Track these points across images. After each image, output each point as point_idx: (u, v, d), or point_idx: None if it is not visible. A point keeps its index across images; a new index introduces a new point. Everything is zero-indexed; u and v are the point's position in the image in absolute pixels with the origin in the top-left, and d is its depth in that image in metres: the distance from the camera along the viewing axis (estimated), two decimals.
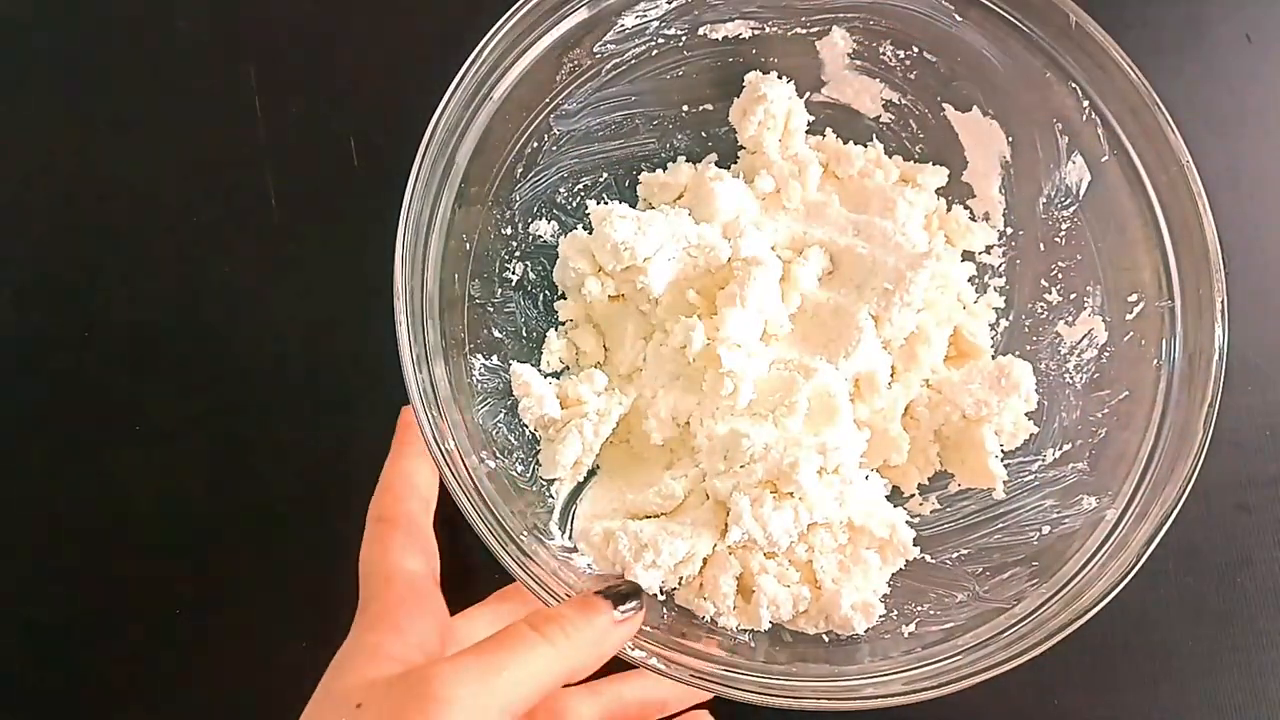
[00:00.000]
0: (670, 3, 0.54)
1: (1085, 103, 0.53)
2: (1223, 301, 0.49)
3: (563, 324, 0.57)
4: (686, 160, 0.59)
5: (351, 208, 0.62)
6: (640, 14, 0.54)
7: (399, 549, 0.46)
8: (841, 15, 0.56)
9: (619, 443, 0.55)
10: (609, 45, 0.54)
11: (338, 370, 0.60)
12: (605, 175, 0.58)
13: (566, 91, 0.55)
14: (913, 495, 0.56)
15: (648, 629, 0.46)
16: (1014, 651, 0.46)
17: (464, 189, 0.51)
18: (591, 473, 0.54)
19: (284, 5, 0.66)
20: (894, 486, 0.57)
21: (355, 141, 0.63)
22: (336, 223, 0.62)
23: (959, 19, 0.54)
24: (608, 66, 0.55)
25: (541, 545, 0.48)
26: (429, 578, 0.47)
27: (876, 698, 0.46)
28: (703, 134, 0.59)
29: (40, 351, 0.62)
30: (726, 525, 0.49)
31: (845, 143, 0.59)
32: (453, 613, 0.49)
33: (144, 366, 0.61)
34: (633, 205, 0.58)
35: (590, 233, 0.54)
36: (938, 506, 0.56)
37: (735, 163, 0.59)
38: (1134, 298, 0.52)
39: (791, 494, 0.49)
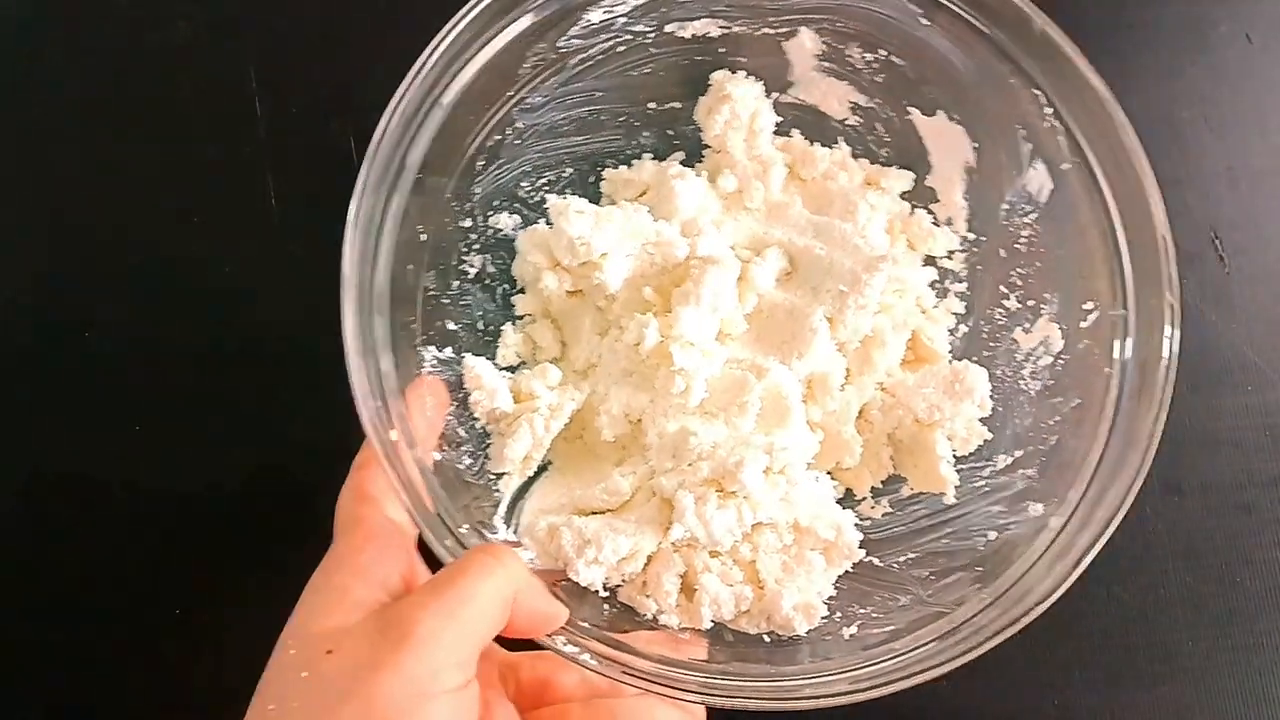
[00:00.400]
0: None
1: (1048, 109, 0.52)
2: (1173, 311, 0.49)
3: (520, 318, 0.57)
4: (652, 158, 0.59)
5: None
6: (607, 9, 0.54)
7: (372, 492, 0.45)
8: (809, 16, 0.56)
9: (573, 438, 0.55)
10: (574, 40, 0.54)
11: (338, 370, 0.60)
12: (569, 170, 0.58)
13: (531, 85, 0.55)
14: (865, 498, 0.56)
15: (585, 624, 0.46)
16: (951, 654, 0.45)
17: (422, 180, 0.51)
18: (544, 468, 0.55)
19: (284, 4, 0.66)
20: (847, 489, 0.57)
21: (355, 141, 0.63)
22: (337, 222, 0.62)
23: (926, 22, 0.54)
24: (573, 61, 0.55)
25: (482, 539, 0.48)
26: (400, 522, 0.46)
27: (816, 698, 0.46)
28: (669, 132, 0.59)
29: (40, 351, 0.62)
30: (671, 523, 0.49)
31: (812, 144, 0.59)
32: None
33: (143, 366, 0.61)
34: (596, 201, 0.58)
35: (550, 227, 0.54)
36: (889, 510, 0.56)
37: (701, 161, 0.59)
38: (1089, 305, 0.52)
39: (735, 493, 0.49)
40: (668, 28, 0.56)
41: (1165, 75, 0.68)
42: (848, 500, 0.56)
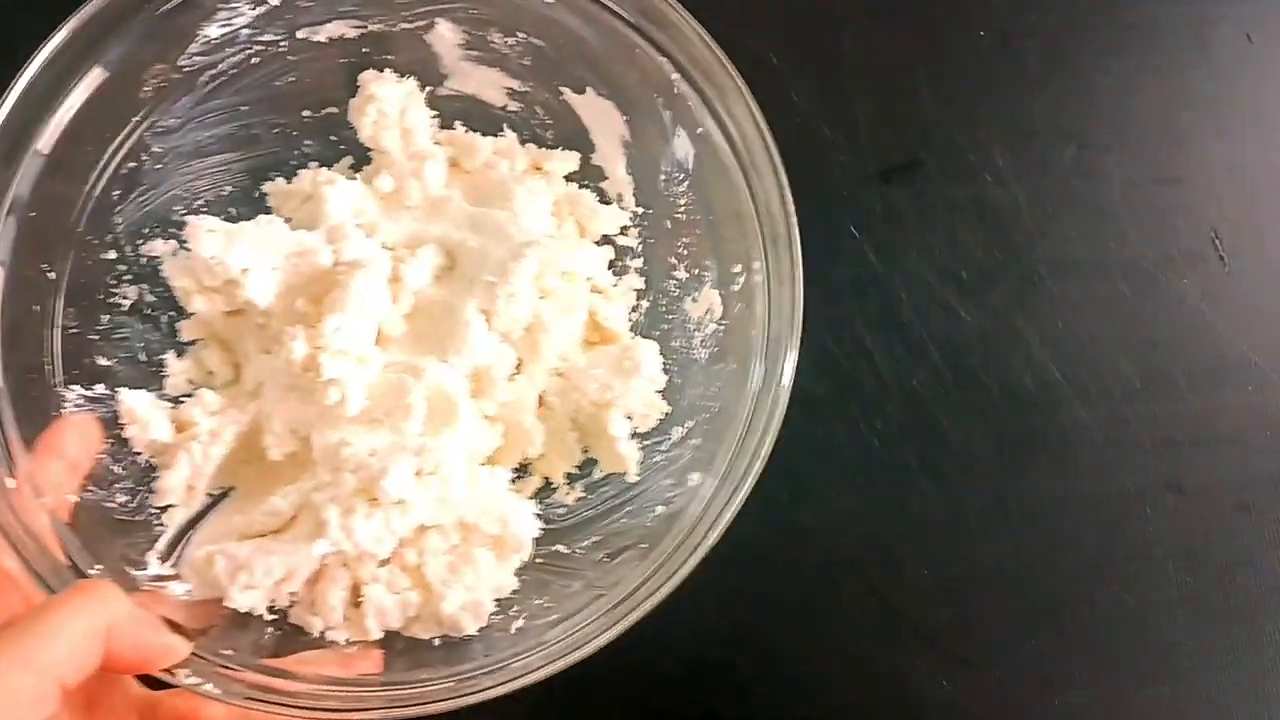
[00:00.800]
0: (255, 9, 0.53)
1: (675, 75, 0.52)
2: (795, 268, 0.48)
3: (192, 344, 0.56)
4: (319, 164, 0.58)
5: None
6: (224, 23, 0.53)
7: None
8: (442, 6, 0.55)
9: (254, 461, 0.54)
10: (197, 58, 0.53)
11: None
12: (229, 188, 0.57)
13: (160, 108, 0.53)
14: (559, 485, 0.56)
15: (232, 652, 0.45)
16: (593, 634, 0.45)
17: (35, 218, 0.49)
18: (226, 494, 0.54)
19: None
20: (545, 479, 0.56)
21: None
22: None
23: (550, 1, 0.53)
24: (202, 79, 0.54)
25: (124, 578, 0.47)
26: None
27: (469, 694, 0.45)
28: (332, 138, 0.58)
29: None
30: None
31: (477, 135, 0.58)
32: None
33: None
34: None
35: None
36: (582, 495, 0.55)
37: (370, 164, 0.58)
38: (737, 269, 0.52)
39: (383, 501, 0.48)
40: (300, 34, 0.55)
41: (1165, 75, 0.68)
42: (545, 490, 0.56)
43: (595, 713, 0.57)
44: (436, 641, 0.50)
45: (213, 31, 0.53)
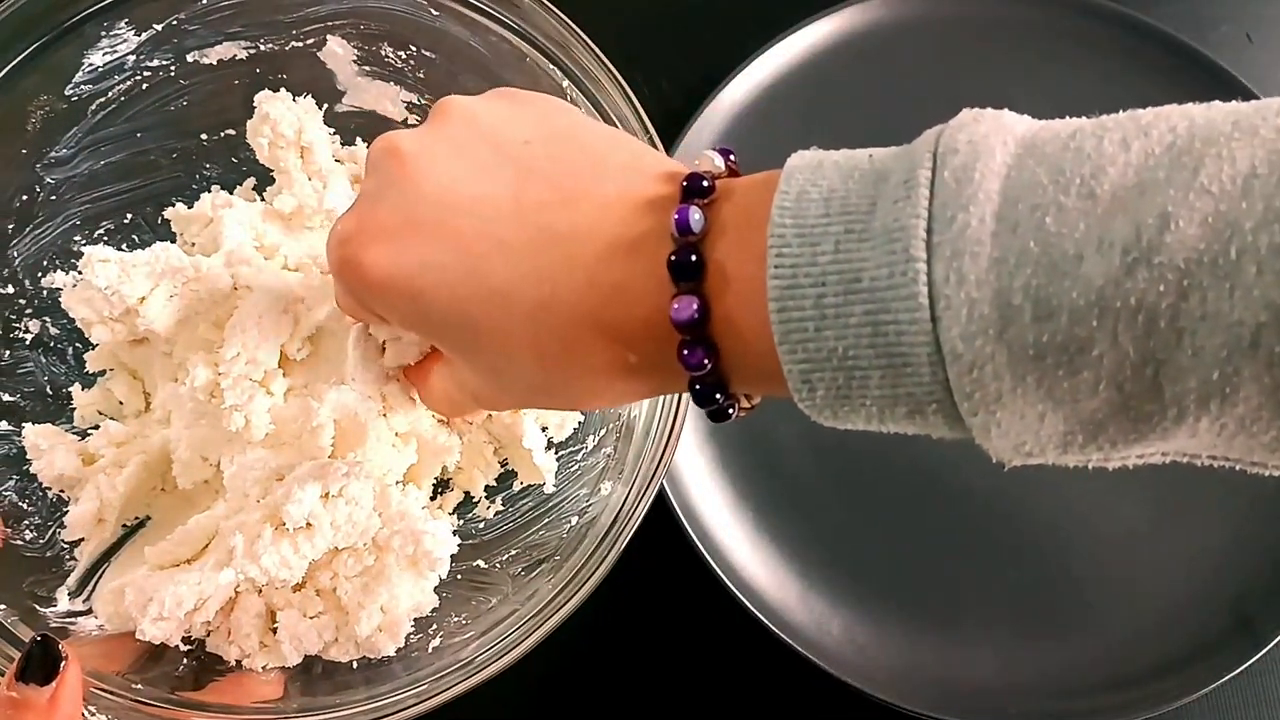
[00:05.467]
0: (140, 35, 0.52)
1: (566, 83, 0.52)
2: None
3: (101, 374, 0.55)
4: (221, 187, 0.57)
5: None
6: (108, 50, 0.52)
7: None
8: (330, 23, 0.54)
9: (168, 490, 0.54)
10: (84, 86, 0.52)
11: None
12: (130, 216, 0.56)
13: (49, 140, 0.53)
14: (480, 499, 0.55)
15: (141, 686, 0.45)
16: (502, 650, 0.45)
17: None
18: (143, 524, 0.53)
19: None
20: (466, 493, 0.56)
21: None
22: None
23: (436, 13, 0.53)
24: (92, 108, 0.53)
25: (32, 616, 0.47)
26: None
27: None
28: (233, 159, 0.57)
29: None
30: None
31: None
32: None
33: None
34: (173, 242, 0.56)
35: None
36: (501, 508, 0.55)
37: (273, 185, 0.58)
38: None
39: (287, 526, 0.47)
40: (189, 57, 0.54)
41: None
42: (466, 505, 0.56)
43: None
44: (355, 664, 0.50)
45: (97, 59, 0.52)
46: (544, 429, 0.54)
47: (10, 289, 0.53)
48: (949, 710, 0.56)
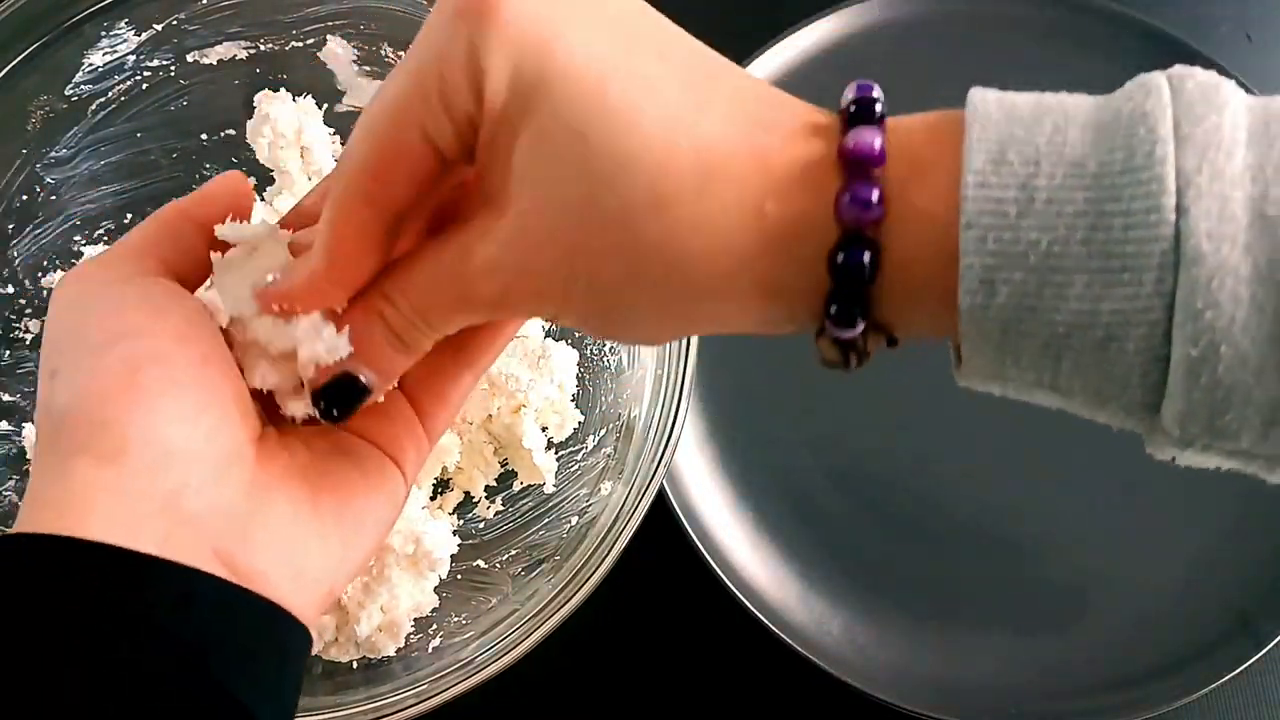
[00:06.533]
0: (140, 35, 0.52)
1: None
2: None
3: None
4: None
5: None
6: (109, 50, 0.52)
7: None
8: (330, 23, 0.55)
9: None
10: (84, 86, 0.52)
11: None
12: (130, 216, 0.56)
13: (49, 140, 0.53)
14: (480, 499, 0.55)
15: None
16: (502, 650, 0.45)
17: None
18: None
19: None
20: (465, 493, 0.56)
21: None
22: None
23: None
24: (92, 108, 0.53)
25: None
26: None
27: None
28: (233, 160, 0.57)
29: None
30: None
31: None
32: None
33: None
34: None
35: None
36: (501, 508, 0.55)
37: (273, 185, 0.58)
38: None
39: None
40: (189, 57, 0.54)
41: None
42: (466, 505, 0.56)
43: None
44: (355, 664, 0.50)
45: (97, 60, 0.52)
46: (544, 429, 0.54)
47: (10, 289, 0.53)
48: (949, 710, 0.56)
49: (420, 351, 0.32)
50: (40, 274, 0.54)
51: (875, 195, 0.26)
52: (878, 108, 0.28)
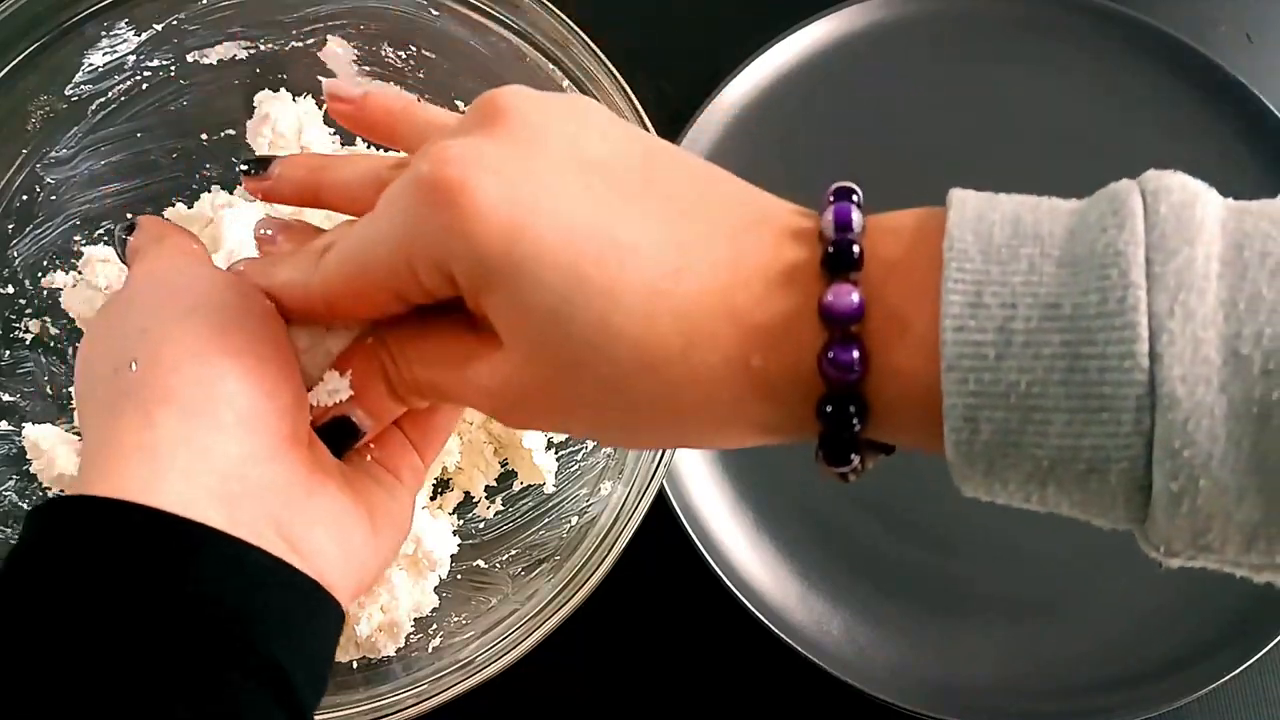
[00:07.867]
0: (140, 35, 0.52)
1: (566, 82, 0.52)
2: None
3: None
4: (221, 188, 0.58)
5: None
6: (108, 50, 0.52)
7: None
8: (330, 23, 0.54)
9: None
10: (84, 86, 0.52)
11: None
12: (130, 215, 0.56)
13: (49, 140, 0.53)
14: (480, 500, 0.56)
15: None
16: (502, 650, 0.45)
17: None
18: None
19: None
20: (465, 493, 0.56)
21: None
22: None
23: (436, 13, 0.53)
24: (92, 108, 0.53)
25: None
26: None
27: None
28: (233, 159, 0.57)
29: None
30: None
31: (378, 148, 0.57)
32: None
33: None
34: None
35: None
36: (501, 508, 0.55)
37: None
38: None
39: None
40: (189, 57, 0.54)
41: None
42: (466, 505, 0.56)
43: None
44: (355, 664, 0.50)
45: (97, 59, 0.52)
46: None
47: (10, 289, 0.53)
48: (949, 710, 0.56)
49: (416, 406, 0.36)
50: (40, 274, 0.54)
51: (856, 355, 0.27)
52: (855, 249, 0.28)
